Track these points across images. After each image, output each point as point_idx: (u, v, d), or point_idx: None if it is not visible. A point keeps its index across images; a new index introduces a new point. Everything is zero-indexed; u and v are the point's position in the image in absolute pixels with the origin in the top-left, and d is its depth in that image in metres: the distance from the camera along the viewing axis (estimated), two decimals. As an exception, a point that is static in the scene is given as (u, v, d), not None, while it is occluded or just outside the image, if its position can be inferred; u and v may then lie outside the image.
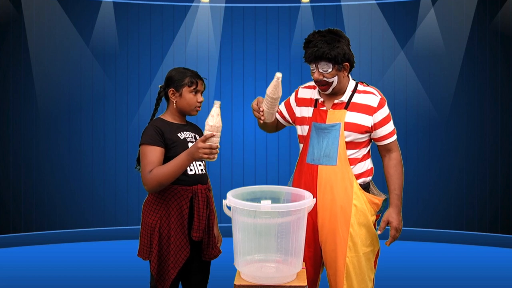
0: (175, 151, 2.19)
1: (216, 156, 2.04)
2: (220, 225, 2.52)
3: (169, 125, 2.28)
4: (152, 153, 2.16)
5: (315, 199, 2.02)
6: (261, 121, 2.36)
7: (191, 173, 2.24)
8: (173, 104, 2.31)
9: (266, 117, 2.31)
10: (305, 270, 2.05)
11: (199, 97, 2.31)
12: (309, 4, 5.42)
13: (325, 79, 2.25)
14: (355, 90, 2.33)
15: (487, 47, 5.07)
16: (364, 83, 2.39)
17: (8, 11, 4.93)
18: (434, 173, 5.25)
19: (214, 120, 2.01)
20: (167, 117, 2.33)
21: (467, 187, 5.14)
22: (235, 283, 1.91)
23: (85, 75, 5.23)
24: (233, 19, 5.49)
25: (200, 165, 2.31)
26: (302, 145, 2.41)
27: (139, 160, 2.28)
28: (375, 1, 5.33)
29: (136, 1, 5.35)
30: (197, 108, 2.32)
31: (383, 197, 2.39)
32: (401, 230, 2.34)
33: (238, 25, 5.49)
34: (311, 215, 2.27)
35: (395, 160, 2.37)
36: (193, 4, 5.40)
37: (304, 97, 2.44)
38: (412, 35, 5.27)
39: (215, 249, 2.35)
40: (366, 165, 2.35)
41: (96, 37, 5.24)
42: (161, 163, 2.16)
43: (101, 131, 5.28)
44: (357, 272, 2.27)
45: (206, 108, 2.50)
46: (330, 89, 2.29)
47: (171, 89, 2.30)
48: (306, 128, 2.38)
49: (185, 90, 2.28)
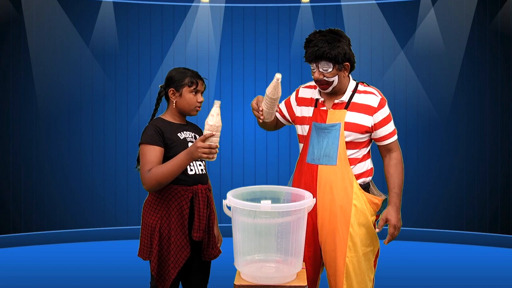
0: (175, 151, 2.19)
1: (215, 156, 2.03)
2: (220, 225, 2.52)
3: (169, 125, 2.28)
4: (151, 153, 2.16)
5: (315, 199, 2.02)
6: (260, 121, 2.36)
7: (191, 173, 2.24)
8: (173, 104, 2.31)
9: (265, 117, 2.31)
10: (305, 270, 2.05)
11: (199, 97, 2.31)
12: (309, 4, 5.42)
13: (325, 78, 2.25)
14: (355, 90, 2.33)
15: (487, 47, 5.07)
16: (364, 83, 2.39)
17: (8, 11, 4.93)
18: (434, 173, 5.25)
19: (214, 119, 2.01)
20: (167, 117, 2.33)
21: (467, 187, 5.14)
22: (235, 283, 1.91)
23: (85, 75, 5.23)
24: (233, 19, 5.49)
25: (200, 165, 2.30)
26: (302, 144, 2.41)
27: (139, 159, 2.28)
28: (375, 1, 5.33)
29: (136, 1, 5.35)
30: (197, 108, 2.32)
31: (383, 197, 2.38)
32: (399, 228, 2.30)
33: (238, 25, 5.49)
34: (311, 215, 2.27)
35: (395, 159, 2.36)
36: (193, 4, 5.40)
37: (304, 96, 2.44)
38: (412, 35, 5.27)
39: (215, 249, 2.35)
40: (366, 165, 2.35)
41: (96, 37, 5.23)
42: (160, 162, 2.16)
43: (101, 131, 5.28)
44: (356, 272, 2.27)
45: (206, 108, 2.50)
46: (330, 88, 2.29)
47: (171, 89, 2.30)
48: (306, 127, 2.38)
49: (185, 90, 2.28)
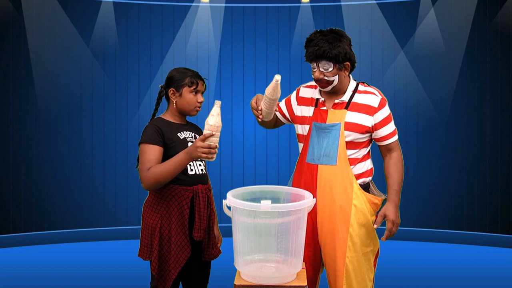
0: (175, 151, 2.19)
1: (214, 156, 2.03)
2: (220, 225, 2.52)
3: (169, 125, 2.28)
4: (150, 152, 2.16)
5: (315, 199, 2.02)
6: (259, 120, 2.37)
7: (191, 173, 2.24)
8: (173, 104, 2.31)
9: (264, 116, 2.32)
10: (305, 270, 2.05)
11: (199, 97, 2.31)
12: (309, 4, 5.42)
13: (325, 78, 2.25)
14: (355, 90, 2.33)
15: (487, 47, 5.07)
16: (365, 83, 2.39)
17: (8, 11, 4.93)
18: (434, 173, 5.25)
19: (214, 119, 2.01)
20: (167, 116, 2.33)
21: (467, 187, 5.14)
22: (235, 283, 1.91)
23: (85, 75, 5.23)
24: (233, 19, 5.49)
25: (200, 165, 2.31)
26: (302, 144, 2.41)
27: (139, 159, 2.28)
28: (375, 1, 5.33)
29: (136, 1, 5.35)
30: (197, 108, 2.32)
31: (383, 197, 2.38)
32: (398, 225, 2.28)
33: (238, 25, 5.49)
34: (311, 215, 2.27)
35: (395, 158, 2.36)
36: (193, 4, 5.40)
37: (305, 96, 2.44)
38: (412, 35, 5.27)
39: (215, 249, 2.35)
40: (366, 165, 2.35)
41: (96, 37, 5.23)
42: (159, 161, 2.17)
43: (101, 131, 5.28)
44: (356, 272, 2.27)
45: (206, 108, 2.50)
46: (330, 87, 2.29)
47: (172, 89, 2.30)
48: (306, 127, 2.38)
49: (185, 90, 2.28)
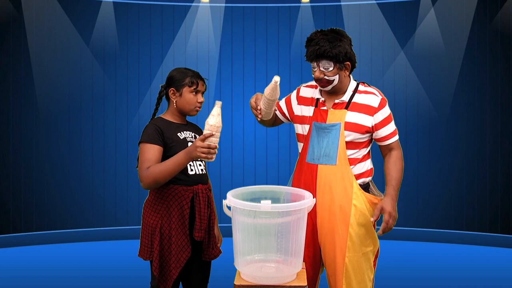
0: (175, 151, 2.19)
1: (214, 156, 2.03)
2: (220, 225, 2.52)
3: (169, 125, 2.28)
4: (150, 151, 2.16)
5: (315, 199, 2.02)
6: (258, 119, 2.38)
7: (191, 173, 2.24)
8: (173, 103, 2.31)
9: (263, 116, 2.34)
10: (305, 270, 2.05)
11: (200, 98, 2.31)
12: (309, 4, 5.42)
13: (326, 77, 2.25)
14: (356, 90, 2.33)
15: (487, 47, 5.07)
16: (365, 83, 2.39)
17: (8, 11, 4.93)
18: (434, 173, 5.25)
19: (214, 119, 2.01)
20: (168, 116, 2.34)
21: (467, 187, 5.14)
22: (235, 283, 1.91)
23: (85, 75, 5.23)
24: (233, 19, 5.49)
25: (200, 165, 2.31)
26: (302, 144, 2.41)
27: (139, 158, 2.29)
28: (375, 1, 5.33)
29: (136, 1, 5.35)
30: (197, 108, 2.32)
31: (382, 197, 2.38)
32: (395, 219, 2.25)
33: (238, 25, 5.49)
34: (311, 215, 2.27)
35: (395, 157, 2.36)
36: (193, 4, 5.40)
37: (305, 96, 2.44)
38: (412, 35, 5.27)
39: (216, 249, 2.35)
40: (366, 166, 2.35)
41: (96, 37, 5.23)
42: (159, 161, 2.17)
43: (101, 131, 5.28)
44: (356, 272, 2.27)
45: (206, 108, 2.50)
46: (330, 86, 2.28)
47: (172, 88, 2.30)
48: (306, 127, 2.38)
49: (185, 90, 2.28)
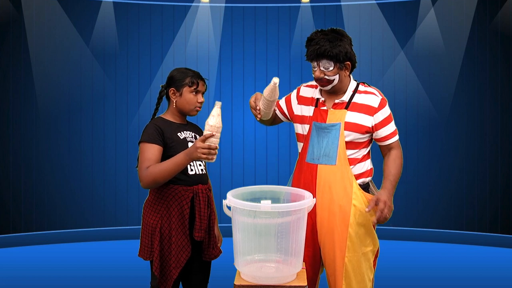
0: (175, 150, 2.19)
1: (214, 157, 2.03)
2: (220, 225, 2.52)
3: (169, 124, 2.28)
4: (150, 151, 2.16)
5: (315, 199, 2.02)
6: (257, 118, 2.39)
7: (191, 173, 2.24)
8: (173, 103, 2.31)
9: (262, 116, 2.36)
10: (305, 270, 2.05)
11: (200, 98, 2.31)
12: (309, 4, 5.42)
13: (326, 77, 2.25)
14: (356, 90, 2.33)
15: (487, 47, 5.07)
16: (365, 83, 2.39)
17: (8, 11, 4.93)
18: (434, 173, 5.25)
19: (214, 120, 2.01)
20: (168, 116, 2.34)
21: (467, 187, 5.14)
22: (235, 283, 1.91)
23: (85, 75, 5.23)
24: (233, 19, 5.49)
25: (200, 165, 2.31)
26: (302, 144, 2.41)
27: (139, 158, 2.29)
28: (375, 1, 5.33)
29: (136, 1, 5.35)
30: (197, 108, 2.32)
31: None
32: (391, 209, 2.21)
33: (238, 25, 5.49)
34: (310, 214, 2.27)
35: (394, 155, 2.36)
36: (193, 4, 5.40)
37: (305, 95, 2.44)
38: (412, 35, 5.27)
39: (216, 249, 2.35)
40: (365, 166, 2.35)
41: (96, 37, 5.23)
42: (159, 161, 2.17)
43: (101, 131, 5.28)
44: (356, 272, 2.27)
45: (206, 108, 2.50)
46: (330, 86, 2.28)
47: (172, 88, 2.30)
48: (306, 127, 2.38)
49: (186, 90, 2.29)
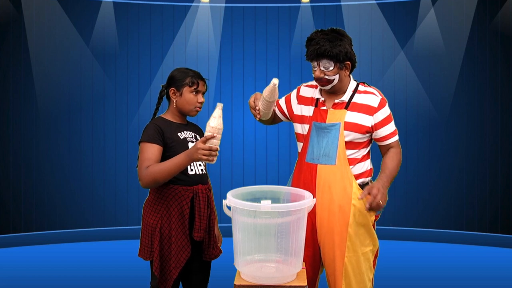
0: (175, 150, 2.19)
1: (215, 158, 2.02)
2: (220, 225, 2.52)
3: (169, 124, 2.28)
4: (150, 150, 2.16)
5: (315, 199, 2.02)
6: (256, 118, 2.41)
7: (191, 173, 2.25)
8: (174, 103, 2.31)
9: (262, 116, 2.37)
10: (305, 270, 2.05)
11: (200, 98, 2.31)
12: (309, 4, 5.42)
13: (326, 77, 2.25)
14: (355, 90, 2.33)
15: (487, 47, 5.07)
16: (365, 83, 2.39)
17: (8, 11, 4.93)
18: (434, 173, 5.25)
19: (215, 121, 2.01)
20: (168, 116, 2.34)
21: (467, 187, 5.14)
22: (235, 283, 1.91)
23: (85, 75, 5.23)
24: (233, 19, 5.49)
25: (200, 165, 2.31)
26: (301, 143, 2.41)
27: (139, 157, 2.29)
28: (375, 1, 5.33)
29: (136, 1, 5.35)
30: (197, 108, 2.32)
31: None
32: (385, 198, 2.17)
33: (238, 25, 5.49)
34: (310, 215, 2.27)
35: (393, 153, 2.35)
36: (193, 4, 5.40)
37: (305, 95, 2.44)
38: (412, 35, 5.27)
39: (216, 249, 2.35)
40: (365, 166, 2.35)
41: (96, 37, 5.23)
42: (158, 160, 2.17)
43: (101, 131, 5.28)
44: (356, 272, 2.27)
45: (206, 109, 2.50)
46: (330, 86, 2.28)
47: (172, 88, 2.30)
48: (306, 127, 2.38)
49: (186, 90, 2.28)
